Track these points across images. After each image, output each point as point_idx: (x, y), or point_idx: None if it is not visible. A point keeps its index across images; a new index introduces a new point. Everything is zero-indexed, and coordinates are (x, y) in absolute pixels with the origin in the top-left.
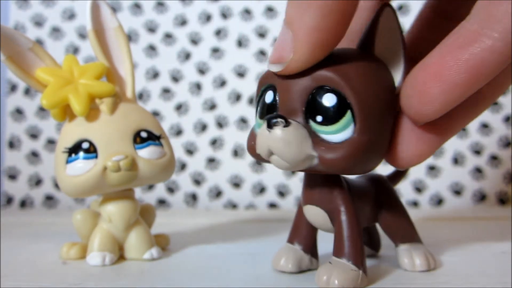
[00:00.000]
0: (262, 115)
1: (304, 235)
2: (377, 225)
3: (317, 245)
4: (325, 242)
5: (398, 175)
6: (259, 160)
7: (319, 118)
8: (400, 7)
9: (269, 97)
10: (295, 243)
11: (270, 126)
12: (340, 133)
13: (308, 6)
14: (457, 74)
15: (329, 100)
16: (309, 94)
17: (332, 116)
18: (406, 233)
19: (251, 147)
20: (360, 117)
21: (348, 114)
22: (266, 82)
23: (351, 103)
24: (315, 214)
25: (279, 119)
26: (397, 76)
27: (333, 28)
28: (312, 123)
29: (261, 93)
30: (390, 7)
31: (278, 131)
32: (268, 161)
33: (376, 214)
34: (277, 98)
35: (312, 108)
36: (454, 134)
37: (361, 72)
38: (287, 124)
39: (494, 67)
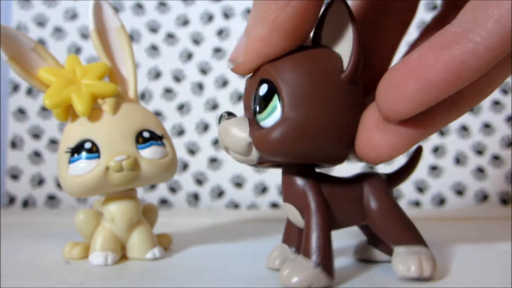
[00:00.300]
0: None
1: (293, 235)
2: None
3: None
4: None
5: (401, 173)
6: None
7: (256, 108)
8: None
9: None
10: (286, 243)
11: (219, 121)
12: (270, 117)
13: (259, 19)
14: (435, 74)
15: (262, 89)
16: (255, 89)
17: (263, 103)
18: (399, 234)
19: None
20: (285, 98)
21: (275, 97)
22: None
23: (277, 87)
24: (290, 211)
25: (224, 114)
26: (346, 59)
27: (277, 42)
28: (256, 115)
29: None
30: (339, 1)
31: (221, 123)
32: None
33: (365, 213)
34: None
35: (255, 101)
36: (431, 133)
37: (291, 61)
38: (229, 117)
39: (474, 71)
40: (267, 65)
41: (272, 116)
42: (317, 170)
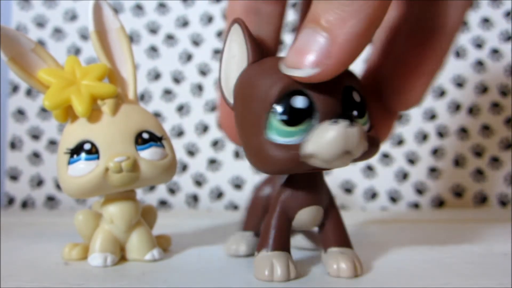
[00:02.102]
0: (294, 122)
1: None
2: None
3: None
4: None
5: None
6: (295, 170)
7: (355, 113)
8: None
9: (301, 102)
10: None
11: (350, 124)
12: (366, 124)
13: (355, 12)
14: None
15: (357, 96)
16: (341, 94)
17: (362, 110)
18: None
19: (294, 157)
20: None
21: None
22: (290, 88)
23: (364, 97)
24: (312, 213)
25: (347, 120)
26: None
27: (371, 35)
28: (355, 119)
29: (283, 99)
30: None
31: (357, 129)
32: (323, 167)
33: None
34: (313, 103)
35: (347, 105)
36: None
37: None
38: (355, 123)
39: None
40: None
41: (367, 124)
42: None
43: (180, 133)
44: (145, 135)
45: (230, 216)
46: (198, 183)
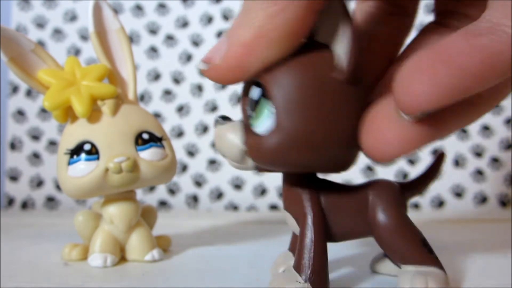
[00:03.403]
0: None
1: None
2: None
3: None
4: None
5: (419, 182)
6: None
7: (249, 112)
8: None
9: (255, 93)
10: (292, 251)
11: (214, 126)
12: (263, 123)
13: (244, 22)
14: (470, 61)
15: (254, 93)
16: (247, 91)
17: (255, 107)
18: (407, 252)
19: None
20: (279, 104)
21: (267, 102)
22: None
23: (270, 93)
24: (289, 220)
25: (218, 118)
26: (341, 54)
27: (262, 51)
28: (250, 119)
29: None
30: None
31: (216, 129)
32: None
33: (370, 226)
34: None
35: (250, 104)
36: (447, 134)
37: (288, 65)
38: (223, 122)
39: (508, 65)
40: None
41: (265, 122)
42: (320, 176)
43: (180, 134)
44: (145, 136)
45: (230, 216)
46: (198, 183)
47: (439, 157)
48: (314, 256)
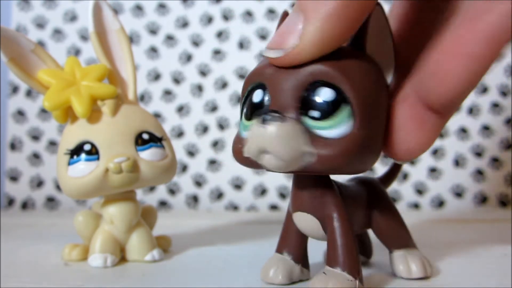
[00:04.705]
0: (249, 116)
1: (293, 244)
2: (369, 231)
3: (308, 254)
4: (314, 250)
5: (390, 176)
6: (246, 166)
7: (315, 114)
8: None
9: (257, 96)
10: (284, 252)
11: (265, 122)
12: (337, 128)
13: None
14: (476, 46)
15: (326, 94)
16: (304, 89)
17: (329, 111)
18: (400, 238)
19: (238, 151)
20: (359, 112)
21: (346, 108)
22: (254, 81)
23: (349, 98)
24: (306, 221)
25: (275, 114)
26: (388, 74)
27: (350, 21)
28: (306, 119)
29: (247, 93)
30: (380, 6)
31: (273, 127)
32: (257, 166)
33: (369, 219)
34: (266, 97)
35: (306, 103)
36: (450, 117)
37: (357, 68)
38: (283, 119)
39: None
40: (323, 63)
41: (339, 128)
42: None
43: (180, 134)
44: (145, 136)
45: (230, 216)
46: (198, 183)
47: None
48: (355, 253)
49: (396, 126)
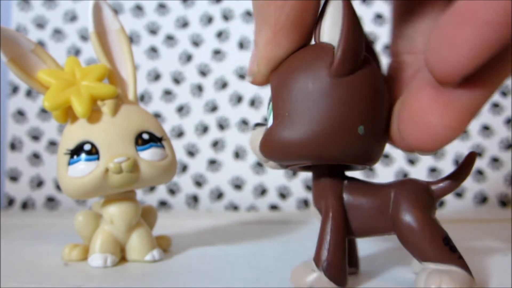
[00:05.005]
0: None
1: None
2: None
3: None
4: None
5: (450, 181)
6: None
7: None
8: None
9: None
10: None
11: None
12: (269, 119)
13: (263, 24)
14: (492, 13)
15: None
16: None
17: (268, 106)
18: (427, 250)
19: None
20: (273, 101)
21: (270, 104)
22: None
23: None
24: (316, 215)
25: (255, 124)
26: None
27: (284, 42)
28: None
29: None
30: None
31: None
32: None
33: (391, 223)
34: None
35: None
36: (490, 95)
37: (284, 64)
38: (256, 127)
39: None
40: None
41: (270, 119)
42: (348, 173)
43: (180, 134)
44: (145, 136)
45: (230, 216)
46: (198, 183)
47: (469, 155)
48: (331, 248)
49: (418, 114)
